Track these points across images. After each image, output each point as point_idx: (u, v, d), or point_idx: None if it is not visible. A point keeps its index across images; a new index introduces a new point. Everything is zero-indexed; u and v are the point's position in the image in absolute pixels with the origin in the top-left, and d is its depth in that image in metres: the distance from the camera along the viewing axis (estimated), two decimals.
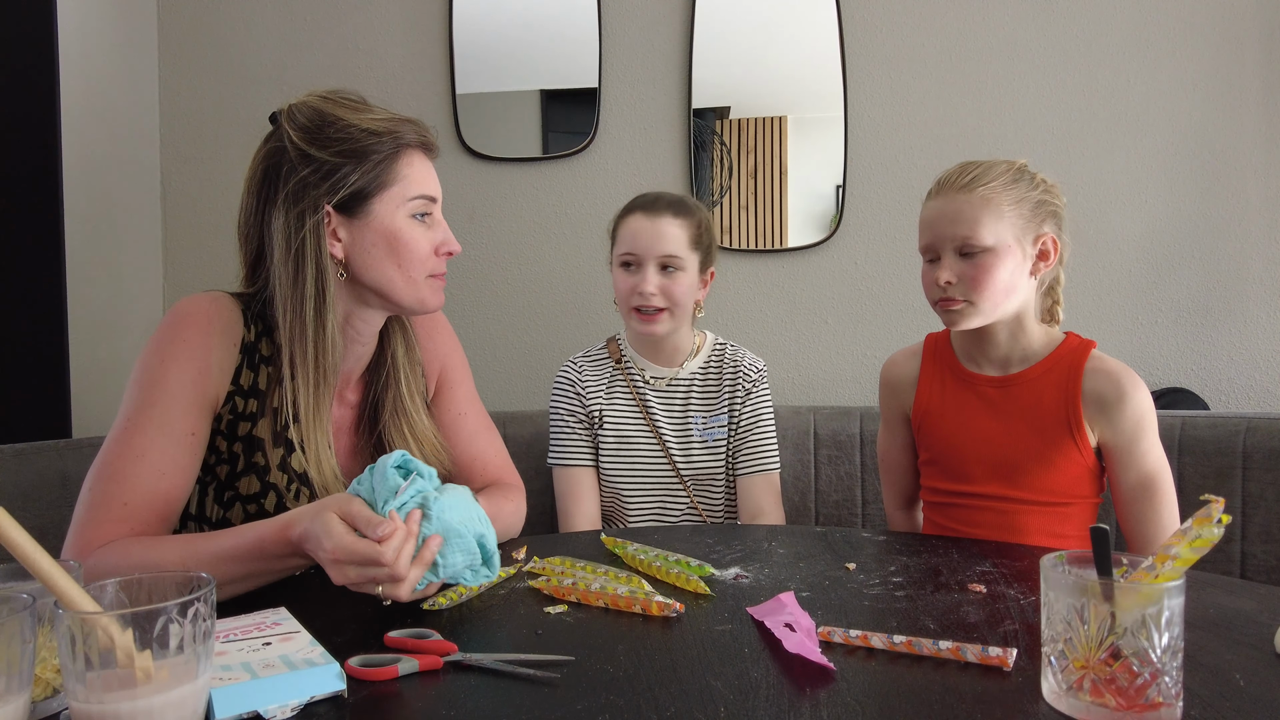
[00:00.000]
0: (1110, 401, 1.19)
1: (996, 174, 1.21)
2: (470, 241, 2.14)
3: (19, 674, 0.59)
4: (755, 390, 1.61)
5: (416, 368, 1.23)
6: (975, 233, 1.19)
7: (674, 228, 1.52)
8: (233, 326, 1.06)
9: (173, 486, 0.99)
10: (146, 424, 0.98)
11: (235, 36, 2.15)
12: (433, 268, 1.12)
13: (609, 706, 0.66)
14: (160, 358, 1.02)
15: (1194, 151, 1.95)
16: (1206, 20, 1.93)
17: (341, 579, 0.83)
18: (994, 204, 1.19)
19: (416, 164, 1.10)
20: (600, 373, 1.63)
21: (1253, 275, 1.94)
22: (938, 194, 1.25)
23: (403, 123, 1.10)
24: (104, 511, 0.95)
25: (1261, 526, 1.52)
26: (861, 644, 0.76)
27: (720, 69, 2.06)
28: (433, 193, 1.12)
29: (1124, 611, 0.62)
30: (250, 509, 1.08)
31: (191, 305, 1.05)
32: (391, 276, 1.08)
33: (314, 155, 1.04)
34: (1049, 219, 1.23)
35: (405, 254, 1.08)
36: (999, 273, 1.19)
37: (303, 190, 1.05)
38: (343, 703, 0.68)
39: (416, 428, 1.19)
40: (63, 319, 1.83)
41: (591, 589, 0.90)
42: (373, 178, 1.06)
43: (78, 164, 1.88)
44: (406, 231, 1.08)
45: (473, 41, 2.10)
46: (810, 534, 1.18)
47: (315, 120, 1.06)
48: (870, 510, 1.81)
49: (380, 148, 1.06)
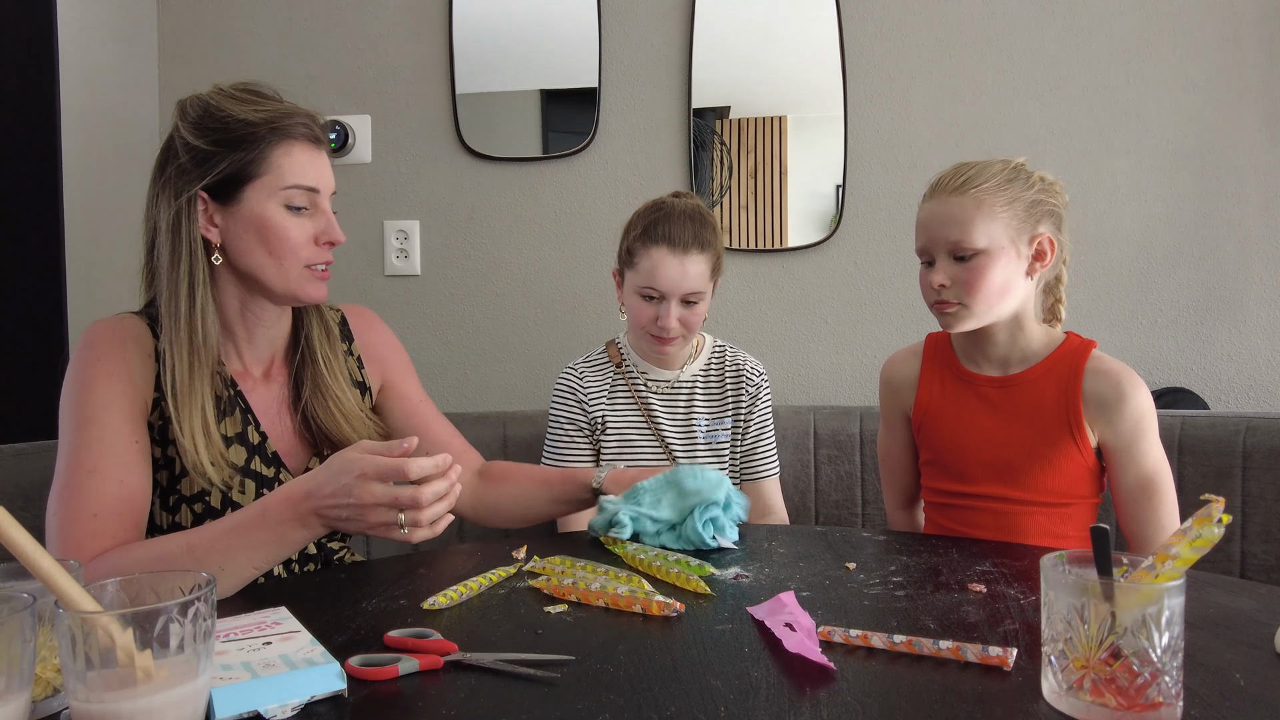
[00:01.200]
0: (1110, 402, 1.19)
1: (990, 175, 1.20)
2: (470, 241, 2.14)
3: (19, 673, 0.59)
4: (760, 396, 1.62)
5: (338, 347, 1.24)
6: (967, 235, 1.18)
7: (699, 265, 1.49)
8: (142, 337, 1.09)
9: (133, 490, 1.02)
10: (90, 440, 1.01)
11: (235, 36, 2.16)
12: (309, 257, 1.11)
13: (609, 706, 0.66)
14: (84, 379, 1.04)
15: (1194, 151, 1.95)
16: (1206, 20, 1.93)
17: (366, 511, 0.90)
18: (986, 205, 1.18)
19: (296, 154, 1.10)
20: (601, 378, 1.62)
21: (1252, 275, 1.94)
22: (932, 196, 1.24)
23: (287, 115, 1.10)
24: (76, 528, 0.97)
25: (1261, 526, 1.52)
26: (861, 644, 0.76)
27: (720, 69, 2.06)
28: (311, 183, 1.11)
29: (1124, 611, 0.62)
30: (197, 508, 1.09)
31: (99, 328, 1.09)
32: (263, 264, 1.10)
33: (192, 143, 1.08)
34: (1045, 218, 1.22)
35: (275, 242, 1.09)
36: (993, 274, 1.18)
37: (180, 175, 1.09)
38: (343, 702, 0.68)
39: (344, 404, 1.20)
40: (63, 319, 1.83)
41: (591, 589, 0.90)
42: (243, 165, 1.08)
43: (78, 164, 1.88)
44: (277, 220, 1.09)
45: (473, 41, 2.10)
46: (810, 534, 1.18)
47: (200, 111, 1.10)
48: (870, 510, 1.81)
49: (254, 137, 1.08)
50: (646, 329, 1.53)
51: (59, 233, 1.82)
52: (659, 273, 1.48)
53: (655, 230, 1.50)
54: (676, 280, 1.48)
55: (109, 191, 2.01)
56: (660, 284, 1.48)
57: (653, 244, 1.49)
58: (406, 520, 0.91)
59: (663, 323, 1.49)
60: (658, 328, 1.50)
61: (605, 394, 1.60)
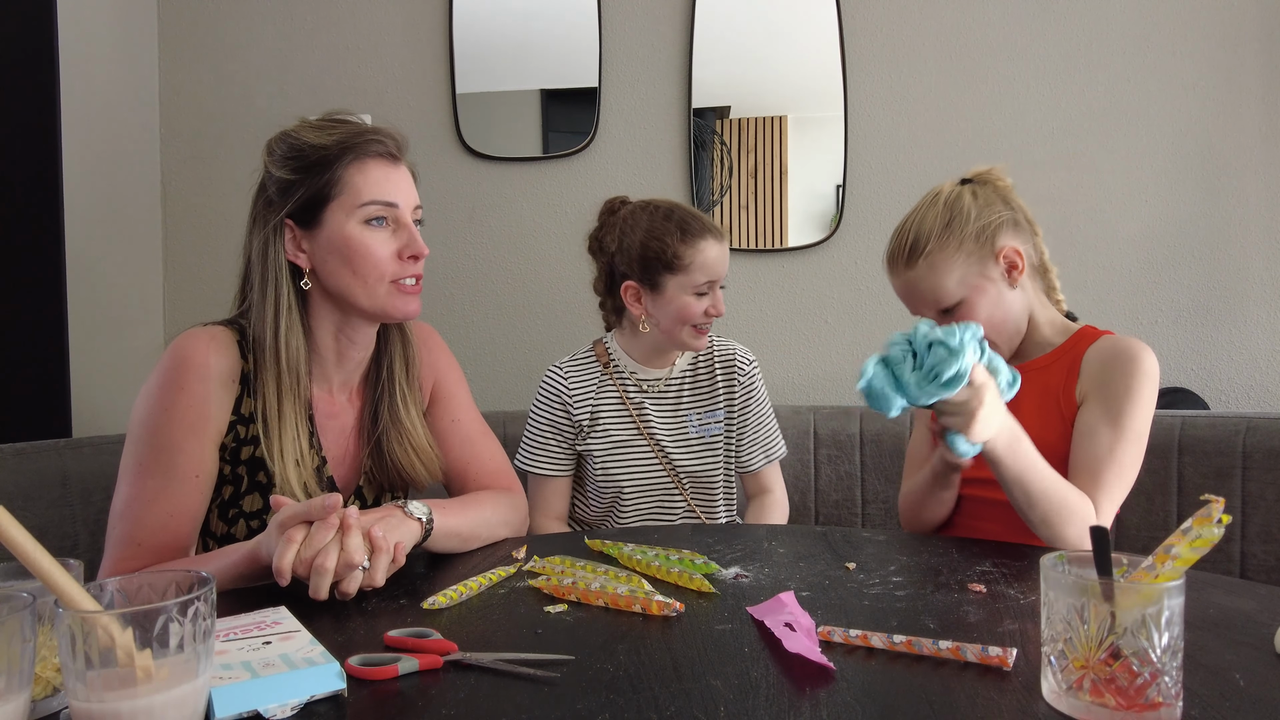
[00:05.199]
0: (1110, 357, 1.18)
1: (926, 231, 1.21)
2: (470, 241, 2.14)
3: (19, 673, 0.59)
4: (752, 383, 1.63)
5: (415, 382, 1.25)
6: (940, 296, 1.21)
7: (728, 249, 1.55)
8: (229, 362, 1.10)
9: (180, 526, 1.06)
10: (155, 469, 1.05)
11: (235, 36, 2.15)
12: (394, 273, 1.12)
13: (609, 706, 0.66)
14: (163, 405, 1.06)
15: (1194, 151, 1.95)
16: (1206, 20, 1.93)
17: (299, 566, 0.88)
18: (940, 264, 1.20)
19: (370, 171, 1.11)
20: (588, 378, 1.60)
21: (1253, 275, 1.94)
22: (890, 272, 1.28)
23: (358, 134, 1.12)
24: (122, 550, 1.04)
25: (1261, 526, 1.52)
26: (861, 644, 0.76)
27: (720, 69, 2.06)
28: (388, 198, 1.11)
29: (1124, 611, 0.62)
30: (254, 524, 1.13)
31: (190, 349, 1.08)
32: (349, 284, 1.11)
33: (276, 175, 1.12)
34: (997, 232, 1.21)
35: (358, 261, 1.10)
36: (982, 309, 1.21)
37: (267, 207, 1.13)
38: (343, 702, 0.68)
39: (415, 439, 1.21)
40: (63, 319, 1.83)
41: (591, 588, 0.90)
42: (320, 187, 1.10)
43: (78, 164, 1.88)
44: (358, 238, 1.10)
45: (473, 41, 2.10)
46: (810, 534, 1.18)
47: (282, 144, 1.14)
48: (870, 510, 1.81)
49: (328, 159, 1.10)
50: (695, 323, 1.53)
51: (59, 233, 1.81)
52: (714, 263, 1.51)
53: (689, 228, 1.51)
54: (724, 265, 1.53)
55: (109, 191, 2.01)
56: (717, 271, 1.52)
57: (698, 238, 1.50)
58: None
59: (717, 307, 1.52)
60: (707, 317, 1.52)
61: (592, 394, 1.59)
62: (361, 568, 0.89)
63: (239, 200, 1.16)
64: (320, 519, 0.89)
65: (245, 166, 1.14)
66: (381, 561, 0.91)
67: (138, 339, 2.11)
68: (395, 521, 0.99)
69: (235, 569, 0.96)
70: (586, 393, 1.59)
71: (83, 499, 1.41)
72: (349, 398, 1.22)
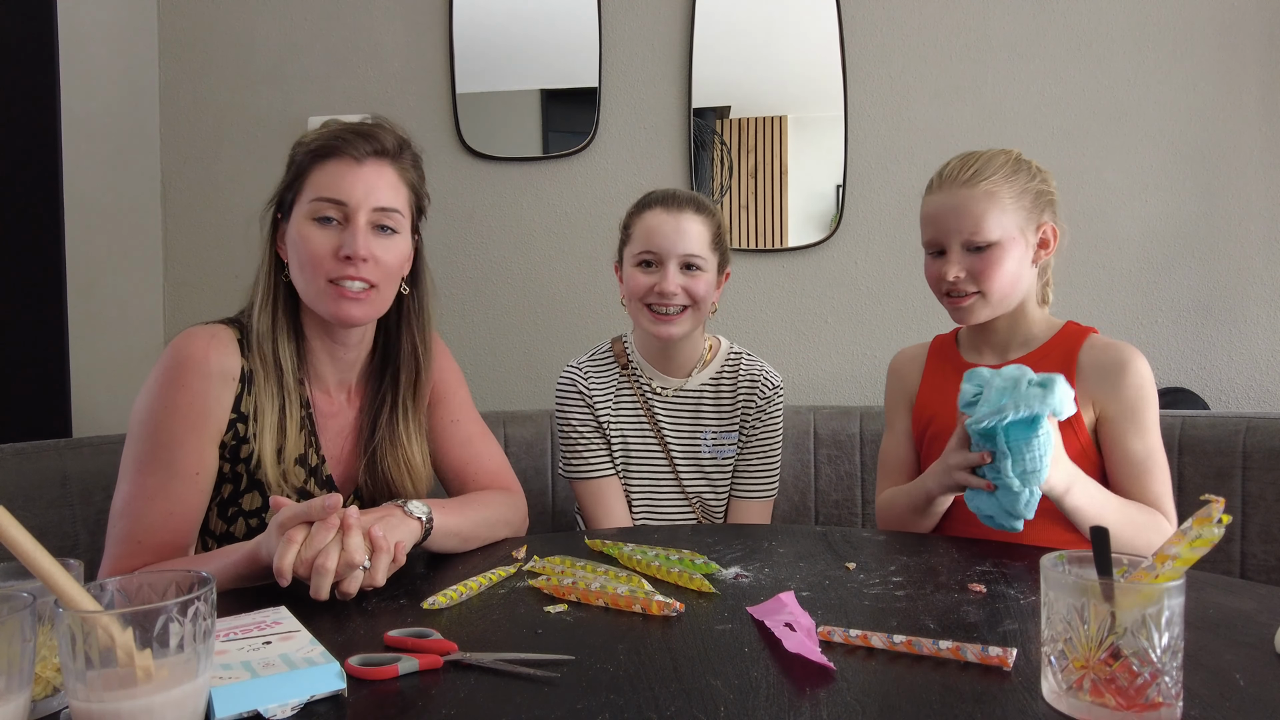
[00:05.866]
0: (1112, 370, 1.19)
1: (997, 166, 1.23)
2: (470, 241, 2.14)
3: (19, 673, 0.59)
4: (770, 407, 1.51)
5: (421, 403, 1.23)
6: (982, 228, 1.20)
7: (696, 224, 1.42)
8: (230, 360, 1.10)
9: (180, 524, 1.07)
10: (155, 466, 1.05)
11: (235, 36, 2.15)
12: (330, 271, 1.09)
13: (609, 706, 0.66)
14: (164, 403, 1.06)
15: (1194, 151, 1.95)
16: (1206, 20, 1.93)
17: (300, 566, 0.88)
18: (998, 198, 1.21)
19: (330, 169, 1.11)
20: (606, 377, 1.53)
21: (1253, 275, 1.94)
22: (939, 188, 1.25)
23: (334, 136, 1.12)
24: (122, 547, 1.05)
25: (1261, 526, 1.52)
26: (861, 644, 0.76)
27: (720, 69, 2.06)
28: (336, 195, 1.09)
29: (1124, 611, 0.62)
30: (253, 523, 1.14)
31: (190, 346, 1.08)
32: (298, 279, 1.13)
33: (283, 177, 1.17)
34: (1048, 208, 1.25)
35: (303, 257, 1.11)
36: (1007, 265, 1.21)
37: (268, 205, 1.18)
38: (343, 702, 0.68)
39: (411, 458, 1.20)
40: (63, 319, 1.83)
41: (591, 588, 0.90)
42: (291, 185, 1.14)
43: (78, 164, 1.88)
44: (303, 234, 1.11)
45: (473, 41, 2.10)
46: (810, 534, 1.18)
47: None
48: (870, 510, 1.81)
49: (303, 159, 1.12)
50: (645, 300, 1.42)
51: (59, 233, 1.82)
52: (654, 232, 1.41)
53: (648, 199, 1.47)
54: (673, 238, 1.40)
55: (109, 191, 2.01)
56: (656, 244, 1.41)
57: (646, 209, 1.45)
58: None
59: (661, 287, 1.40)
60: (656, 295, 1.41)
61: (611, 395, 1.52)
62: (362, 567, 0.89)
63: (239, 200, 1.17)
64: (320, 519, 0.89)
65: (245, 166, 1.14)
66: (382, 561, 0.91)
67: (138, 339, 2.11)
68: (395, 521, 0.99)
69: (235, 569, 0.96)
70: (606, 392, 1.52)
71: (83, 499, 1.41)
72: (347, 397, 1.22)
